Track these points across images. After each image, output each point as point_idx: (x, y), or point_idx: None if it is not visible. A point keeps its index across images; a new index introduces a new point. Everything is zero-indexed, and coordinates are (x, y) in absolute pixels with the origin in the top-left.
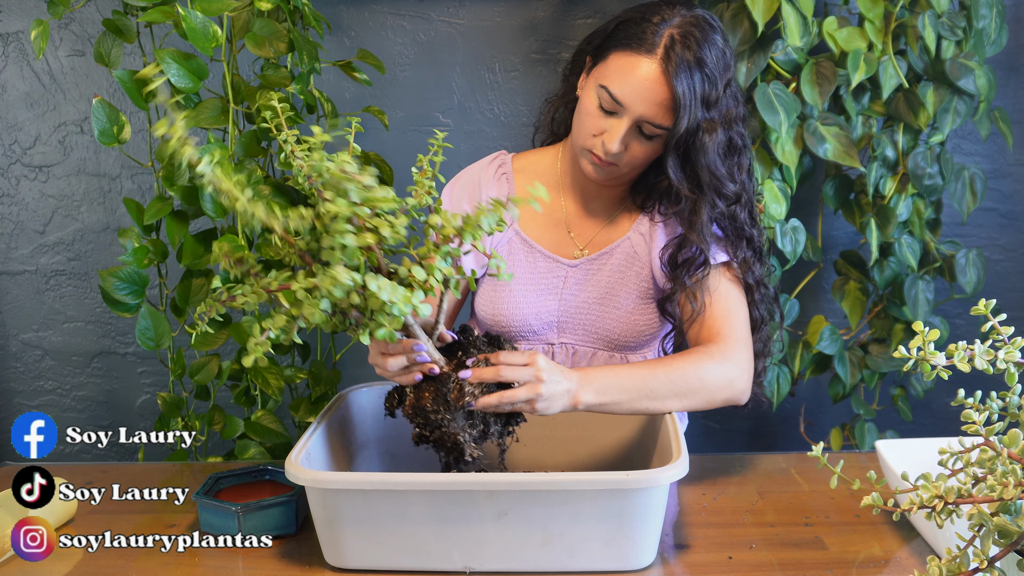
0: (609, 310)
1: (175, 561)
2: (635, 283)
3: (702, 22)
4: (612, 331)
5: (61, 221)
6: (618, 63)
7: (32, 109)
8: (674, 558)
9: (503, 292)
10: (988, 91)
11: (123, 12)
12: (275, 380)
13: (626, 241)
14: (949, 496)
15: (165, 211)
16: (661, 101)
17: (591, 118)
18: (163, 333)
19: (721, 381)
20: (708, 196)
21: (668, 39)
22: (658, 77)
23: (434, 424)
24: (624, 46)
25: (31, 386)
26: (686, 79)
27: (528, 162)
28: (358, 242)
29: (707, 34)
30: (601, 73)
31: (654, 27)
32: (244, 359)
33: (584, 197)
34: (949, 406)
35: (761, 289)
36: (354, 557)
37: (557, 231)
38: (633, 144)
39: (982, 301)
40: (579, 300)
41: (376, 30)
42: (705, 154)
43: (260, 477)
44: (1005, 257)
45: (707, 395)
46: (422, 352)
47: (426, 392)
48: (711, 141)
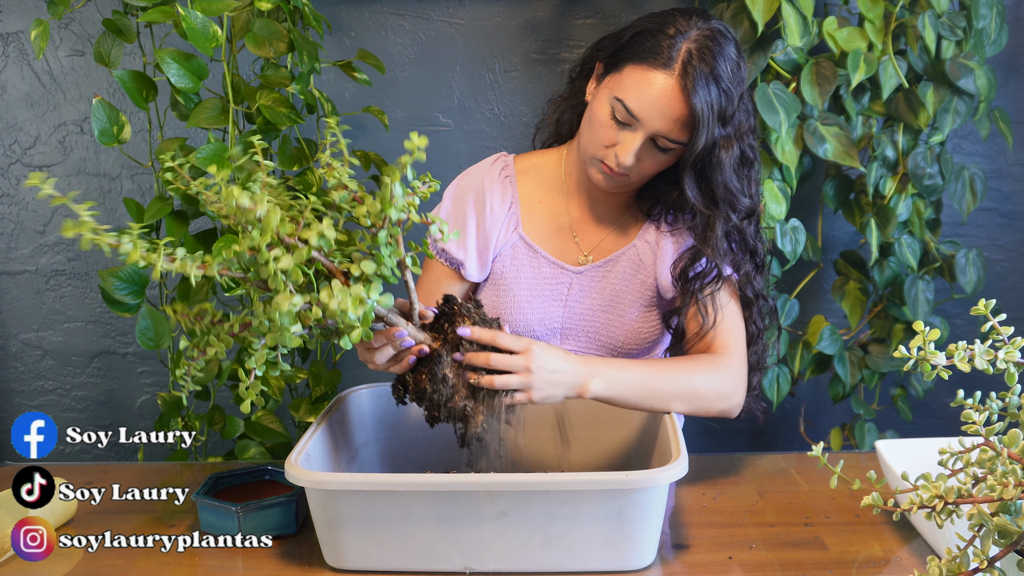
0: (614, 318)
1: (175, 561)
2: (640, 291)
3: (718, 35)
4: (616, 338)
5: (61, 221)
6: (634, 77)
7: (32, 109)
8: (674, 558)
9: (506, 297)
10: (988, 91)
11: (123, 12)
12: (275, 380)
13: (632, 249)
14: (949, 496)
15: (165, 211)
16: (678, 117)
17: (603, 128)
18: (163, 333)
19: (721, 392)
20: (722, 211)
21: (686, 54)
22: (676, 93)
23: (437, 403)
24: (640, 59)
25: (31, 386)
26: (704, 95)
27: (531, 164)
28: (295, 260)
29: (723, 47)
30: (616, 84)
31: (670, 40)
32: (241, 406)
33: (590, 202)
34: (949, 406)
35: (760, 302)
36: (354, 558)
37: (561, 236)
38: (646, 156)
39: (982, 301)
40: (584, 307)
41: (376, 30)
42: (721, 171)
43: (260, 477)
44: (1005, 257)
45: (706, 403)
46: (405, 338)
47: (422, 374)
48: (727, 157)
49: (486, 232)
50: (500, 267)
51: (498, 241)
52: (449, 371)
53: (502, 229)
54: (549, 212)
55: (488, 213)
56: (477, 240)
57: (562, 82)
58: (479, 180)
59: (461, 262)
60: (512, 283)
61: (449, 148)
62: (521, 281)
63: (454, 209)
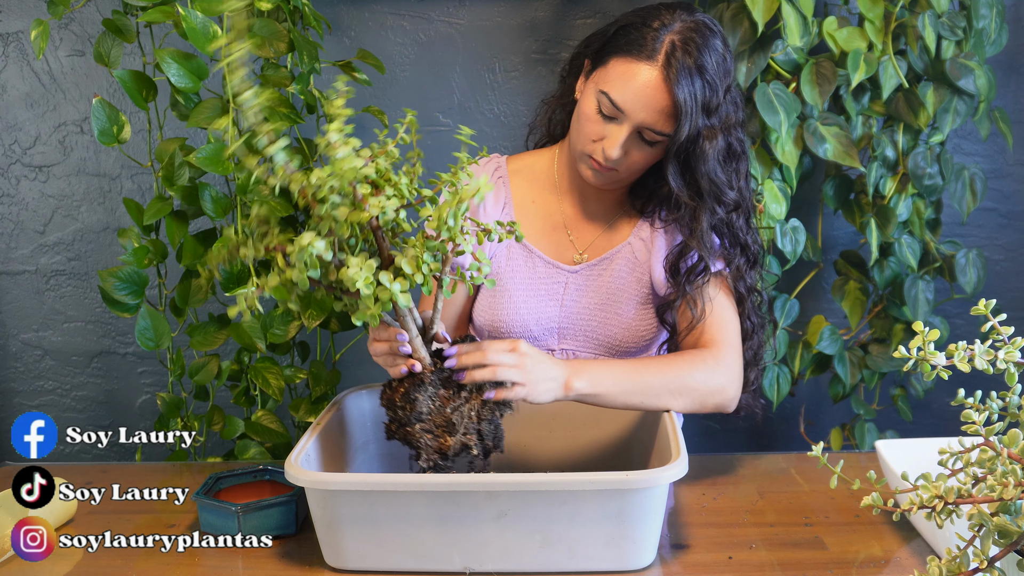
0: (611, 316)
1: (175, 561)
2: (636, 289)
3: (702, 27)
4: (614, 337)
5: (61, 221)
6: (618, 69)
7: (32, 109)
8: (674, 558)
9: (502, 298)
10: (988, 91)
11: (123, 12)
12: (275, 380)
13: (627, 247)
14: (949, 496)
15: (165, 211)
16: (662, 108)
17: (591, 123)
18: (163, 333)
19: (712, 386)
20: (708, 203)
21: (669, 45)
22: (659, 84)
23: (399, 420)
24: (624, 52)
25: (31, 386)
26: (687, 86)
27: (523, 164)
28: (350, 217)
29: (708, 39)
30: (601, 78)
31: (654, 33)
32: (229, 310)
33: (583, 200)
34: (949, 406)
35: (753, 296)
36: (354, 558)
37: (556, 235)
38: (633, 150)
39: (982, 301)
40: (580, 306)
41: (376, 30)
42: (705, 161)
43: (260, 477)
44: (1005, 257)
45: (698, 398)
46: (404, 343)
47: (401, 388)
48: (711, 148)
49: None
50: (496, 268)
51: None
52: (425, 400)
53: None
54: (543, 211)
55: (482, 215)
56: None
57: None
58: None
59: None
60: (508, 284)
61: (449, 148)
62: (517, 281)
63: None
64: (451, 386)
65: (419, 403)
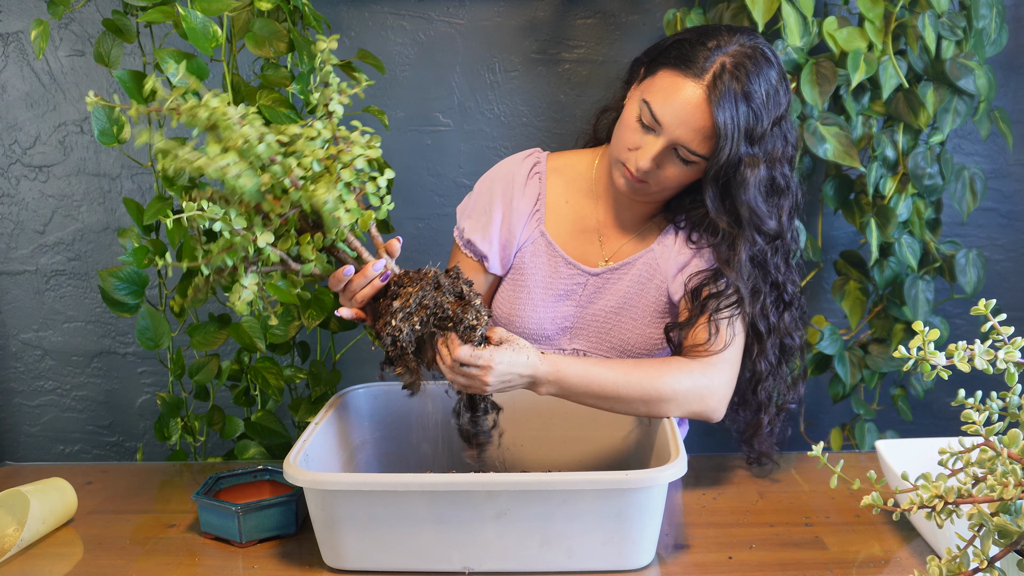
0: (625, 320)
1: (175, 561)
2: (653, 296)
3: (758, 54)
4: (626, 340)
5: (61, 221)
6: (664, 81)
7: (32, 109)
8: (673, 558)
9: (522, 292)
10: (988, 91)
11: (123, 12)
12: (275, 380)
13: (649, 253)
14: (949, 496)
15: (165, 211)
16: (700, 128)
17: (629, 131)
18: (162, 333)
19: (694, 393)
20: (748, 232)
21: (719, 67)
22: (700, 103)
23: (389, 334)
24: (674, 65)
25: (31, 386)
26: (730, 109)
27: (563, 163)
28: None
29: (761, 67)
30: (647, 87)
31: (708, 52)
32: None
33: (616, 207)
34: (949, 406)
35: (773, 338)
36: (353, 558)
37: (585, 237)
38: (667, 165)
39: (982, 301)
40: (596, 307)
41: (376, 30)
42: (746, 190)
43: (260, 477)
44: (1005, 257)
45: (677, 406)
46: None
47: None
48: (753, 177)
49: (511, 226)
50: (520, 262)
51: (521, 236)
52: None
53: (526, 224)
54: (575, 213)
55: (513, 207)
56: (501, 233)
57: (562, 82)
58: (509, 173)
59: (485, 255)
60: (529, 279)
61: (449, 148)
62: (538, 278)
63: (482, 200)
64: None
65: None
